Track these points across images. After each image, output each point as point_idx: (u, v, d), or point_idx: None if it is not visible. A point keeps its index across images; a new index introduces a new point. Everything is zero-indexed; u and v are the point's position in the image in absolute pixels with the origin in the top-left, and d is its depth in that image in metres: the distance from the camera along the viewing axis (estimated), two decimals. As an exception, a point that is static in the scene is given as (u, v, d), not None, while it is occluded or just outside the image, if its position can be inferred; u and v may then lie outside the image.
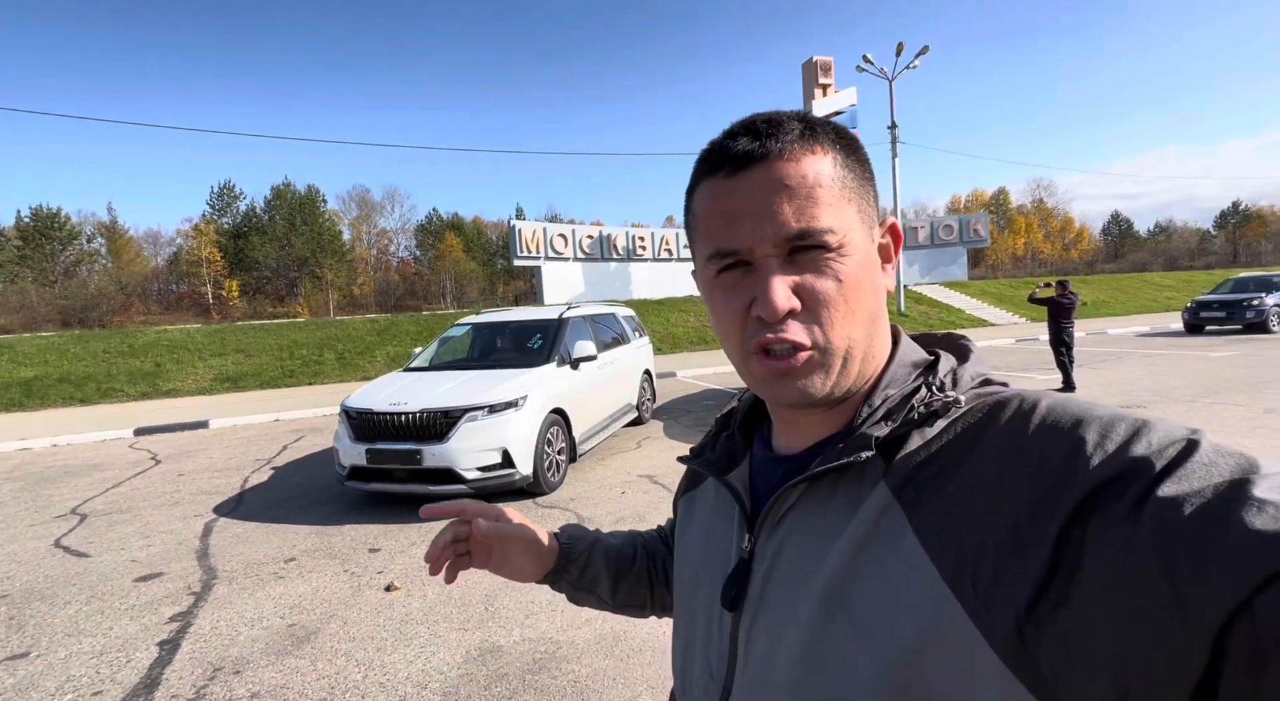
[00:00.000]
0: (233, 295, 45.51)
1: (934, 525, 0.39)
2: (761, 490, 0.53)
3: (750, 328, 0.46)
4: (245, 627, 2.95)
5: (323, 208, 50.90)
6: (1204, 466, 0.32)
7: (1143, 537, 0.31)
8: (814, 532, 0.45)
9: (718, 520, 0.57)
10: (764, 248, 0.44)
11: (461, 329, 6.68)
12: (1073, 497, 0.34)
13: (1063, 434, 0.37)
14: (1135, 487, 0.32)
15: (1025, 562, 0.34)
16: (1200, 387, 7.69)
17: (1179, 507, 0.31)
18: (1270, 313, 13.54)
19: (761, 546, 0.49)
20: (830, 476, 0.45)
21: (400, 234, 59.51)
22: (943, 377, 0.47)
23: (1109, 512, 0.32)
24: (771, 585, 0.47)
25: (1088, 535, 0.33)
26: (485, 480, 4.41)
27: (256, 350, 14.72)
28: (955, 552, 0.37)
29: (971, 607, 0.36)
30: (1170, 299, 24.98)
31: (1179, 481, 0.32)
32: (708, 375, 11.98)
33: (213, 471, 6.25)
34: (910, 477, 0.41)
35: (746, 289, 0.45)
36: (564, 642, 2.66)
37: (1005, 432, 0.40)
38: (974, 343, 0.52)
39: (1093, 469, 0.34)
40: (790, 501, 0.48)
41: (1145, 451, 0.34)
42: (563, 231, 21.93)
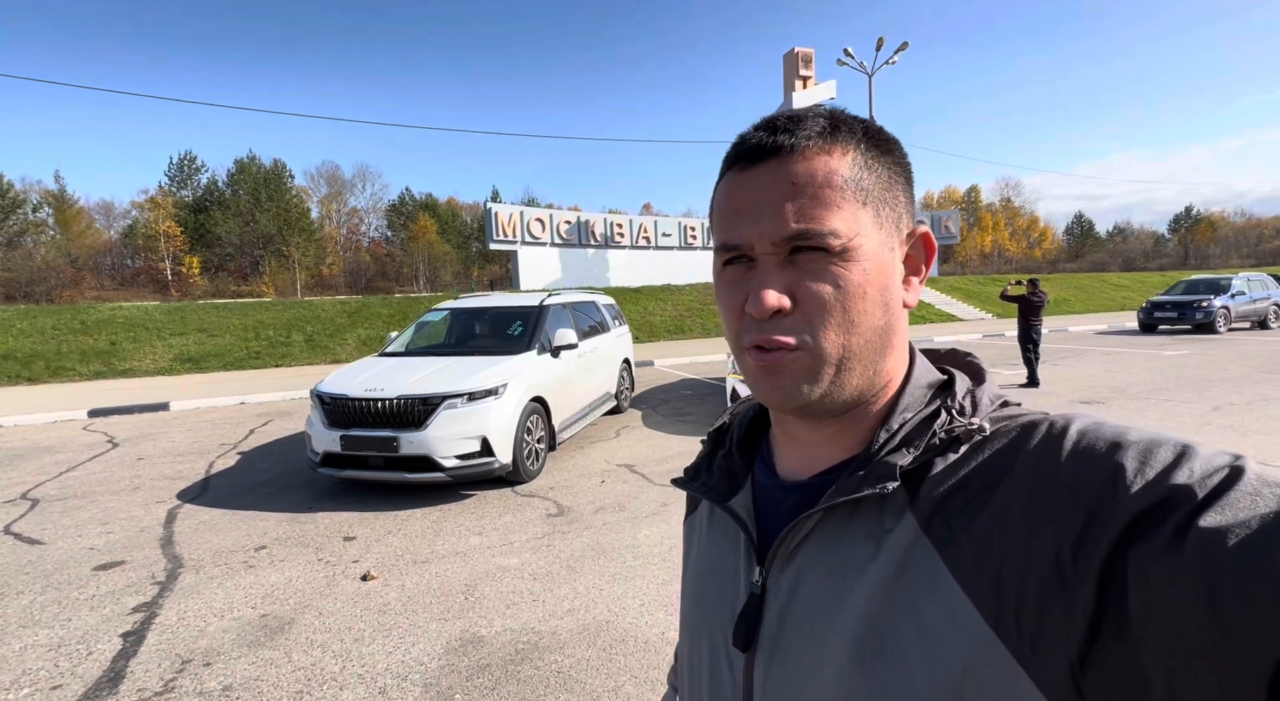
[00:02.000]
0: (193, 272, 43.58)
1: (969, 560, 0.37)
2: (768, 518, 0.50)
3: (746, 323, 0.45)
4: (215, 618, 2.87)
5: (290, 183, 49.00)
6: (1249, 496, 0.31)
7: (1185, 570, 0.30)
8: (832, 567, 0.43)
9: (720, 549, 0.54)
10: (762, 245, 0.43)
11: (439, 314, 6.54)
12: (1114, 528, 0.33)
13: (1099, 459, 0.36)
14: (1176, 517, 0.31)
15: (1071, 599, 0.33)
16: (1153, 385, 8.06)
17: (1222, 540, 0.29)
18: (1217, 314, 14.24)
19: (774, 581, 0.46)
20: (847, 505, 0.43)
21: (371, 213, 57.86)
22: (962, 400, 0.45)
23: (1149, 544, 0.31)
24: (790, 624, 0.45)
25: (1129, 568, 0.32)
26: (464, 468, 4.36)
27: (220, 330, 14.19)
28: (995, 590, 0.36)
29: (1017, 649, 0.34)
30: (1126, 298, 26.04)
31: (1222, 511, 0.31)
32: (685, 365, 12.03)
33: (175, 455, 6.02)
34: (938, 509, 0.40)
35: (745, 284, 0.45)
36: (546, 633, 2.66)
37: (1037, 459, 0.38)
38: (981, 360, 0.51)
39: (1132, 497, 0.33)
40: (804, 531, 0.45)
41: (1187, 479, 0.32)
42: (540, 216, 21.62)
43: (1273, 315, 15.31)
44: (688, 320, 17.97)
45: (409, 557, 3.49)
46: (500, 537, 3.74)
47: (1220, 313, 14.29)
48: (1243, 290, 15.02)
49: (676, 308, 18.72)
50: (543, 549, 3.55)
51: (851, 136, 0.44)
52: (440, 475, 4.32)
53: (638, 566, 3.27)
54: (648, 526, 3.83)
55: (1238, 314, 14.74)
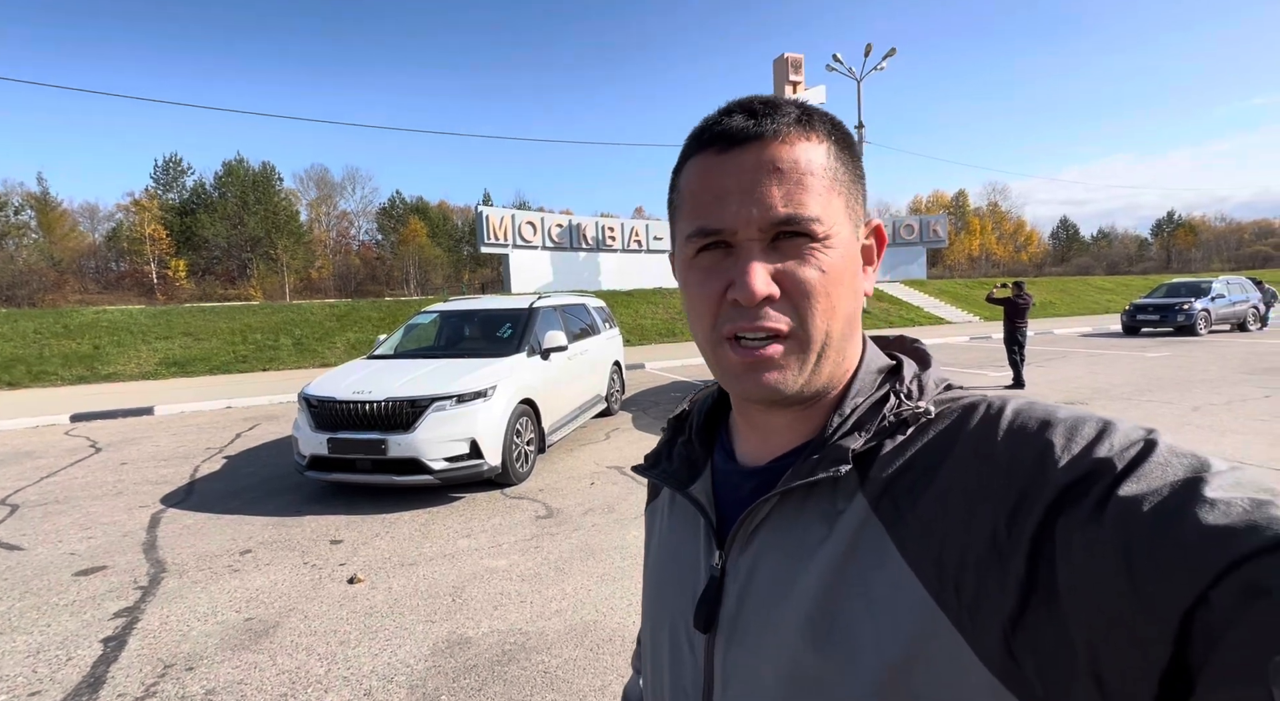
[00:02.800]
0: (179, 275, 42.99)
1: (914, 537, 0.39)
2: (727, 503, 0.51)
3: (725, 313, 0.44)
4: (198, 622, 2.84)
5: (279, 186, 48.55)
6: (1160, 466, 0.33)
7: (1106, 537, 0.31)
8: (788, 548, 0.44)
9: (680, 535, 0.55)
10: (748, 230, 0.43)
11: (428, 316, 6.52)
12: (1043, 501, 0.34)
13: (1030, 437, 0.38)
14: (1098, 488, 0.33)
15: (1005, 570, 0.34)
16: (1136, 386, 8.19)
17: (1138, 507, 0.31)
18: (1198, 316, 14.51)
19: (733, 564, 0.47)
20: (802, 488, 0.44)
21: (361, 217, 57.42)
22: (909, 384, 0.46)
23: (1075, 514, 0.33)
24: (748, 605, 0.46)
25: (1056, 538, 0.33)
26: (452, 471, 4.35)
27: (206, 333, 14.03)
28: (937, 564, 0.37)
29: (957, 619, 0.36)
30: (1110, 301, 26.44)
31: (1137, 481, 0.33)
32: (676, 367, 12.06)
33: (159, 460, 5.95)
34: (887, 489, 0.41)
35: (724, 271, 0.44)
36: (534, 633, 2.66)
37: (975, 439, 0.40)
38: (926, 345, 0.52)
39: (1059, 471, 0.35)
40: (761, 515, 0.46)
41: (1107, 452, 0.35)
42: (531, 219, 21.60)
43: (1251, 317, 15.62)
44: (679, 323, 18.01)
45: (396, 560, 3.47)
46: (489, 539, 3.73)
47: (1201, 315, 14.56)
48: (1222, 293, 15.32)
49: (668, 311, 18.76)
50: (531, 550, 3.55)
51: (823, 126, 0.45)
52: (429, 477, 4.30)
53: (626, 567, 3.28)
54: (636, 527, 3.83)
55: (1218, 316, 15.03)
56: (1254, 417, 6.13)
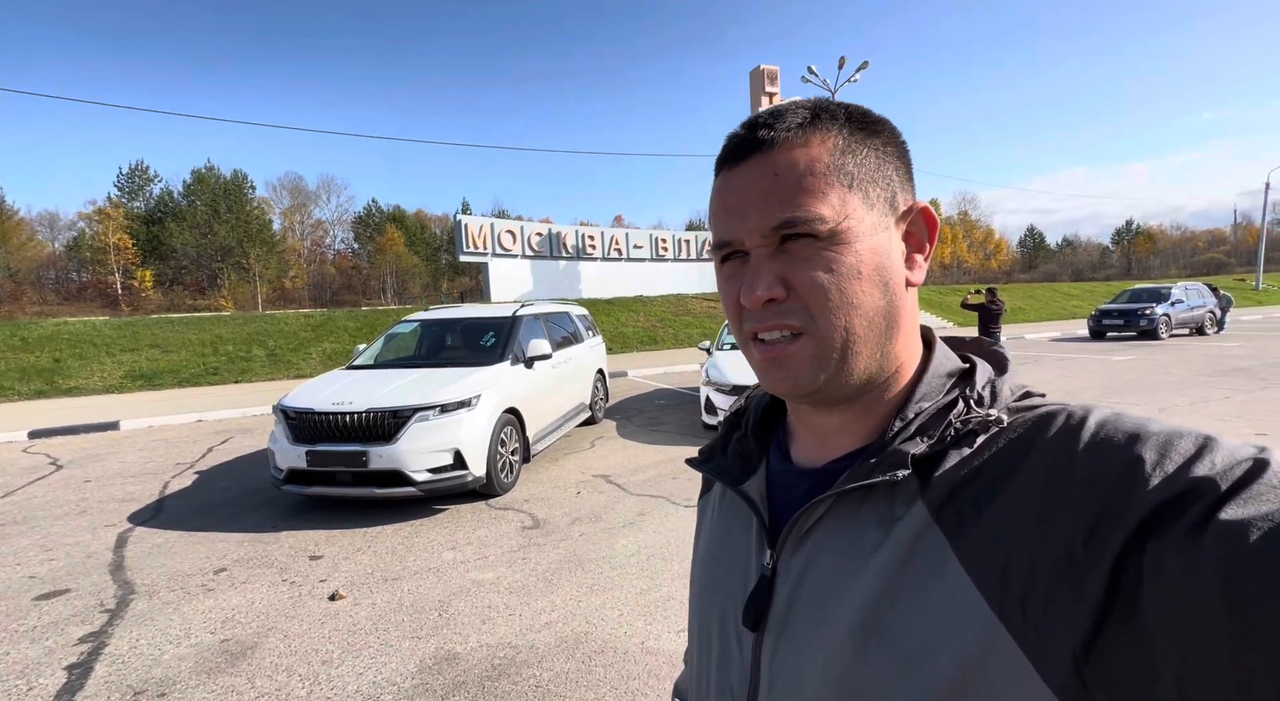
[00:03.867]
0: (146, 286, 41.66)
1: (978, 548, 0.37)
2: (781, 503, 0.51)
3: (746, 314, 0.46)
4: (170, 646, 2.72)
5: (251, 194, 47.50)
6: (1271, 488, 0.30)
7: (1205, 560, 0.29)
8: (842, 551, 0.43)
9: (731, 531, 0.54)
10: (752, 238, 0.44)
11: (409, 325, 6.42)
12: (1131, 519, 0.32)
13: (1118, 450, 0.35)
14: (1197, 509, 0.31)
15: (1080, 588, 0.33)
16: (1106, 388, 8.45)
17: (1245, 531, 0.29)
18: (1160, 321, 15.07)
19: (785, 564, 0.47)
20: (858, 491, 0.43)
21: (337, 225, 56.56)
22: (981, 390, 0.45)
23: (1168, 535, 0.31)
24: (798, 606, 0.45)
25: (1145, 559, 0.31)
26: (436, 482, 4.26)
27: (175, 345, 13.59)
28: (1001, 576, 0.35)
29: (1022, 637, 0.34)
30: (1077, 307, 27.30)
31: (1245, 504, 0.30)
32: (659, 375, 12.06)
33: (126, 477, 5.71)
34: (950, 498, 0.40)
35: (742, 277, 0.46)
36: (524, 647, 2.61)
37: (1053, 449, 0.38)
38: (1007, 349, 0.50)
39: (1152, 489, 0.32)
40: (816, 516, 0.46)
41: (1208, 471, 0.32)
42: (511, 228, 21.49)
43: (1208, 321, 16.25)
44: (660, 331, 18.06)
45: (379, 575, 3.38)
46: (474, 552, 3.66)
47: (1162, 320, 15.12)
48: (1181, 298, 15.94)
49: (649, 318, 18.80)
50: (518, 562, 3.49)
51: (833, 122, 0.45)
52: (411, 489, 4.21)
53: (615, 577, 3.24)
54: (624, 536, 3.80)
55: (1178, 321, 15.62)
56: (1216, 417, 6.37)
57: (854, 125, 0.46)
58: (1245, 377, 8.76)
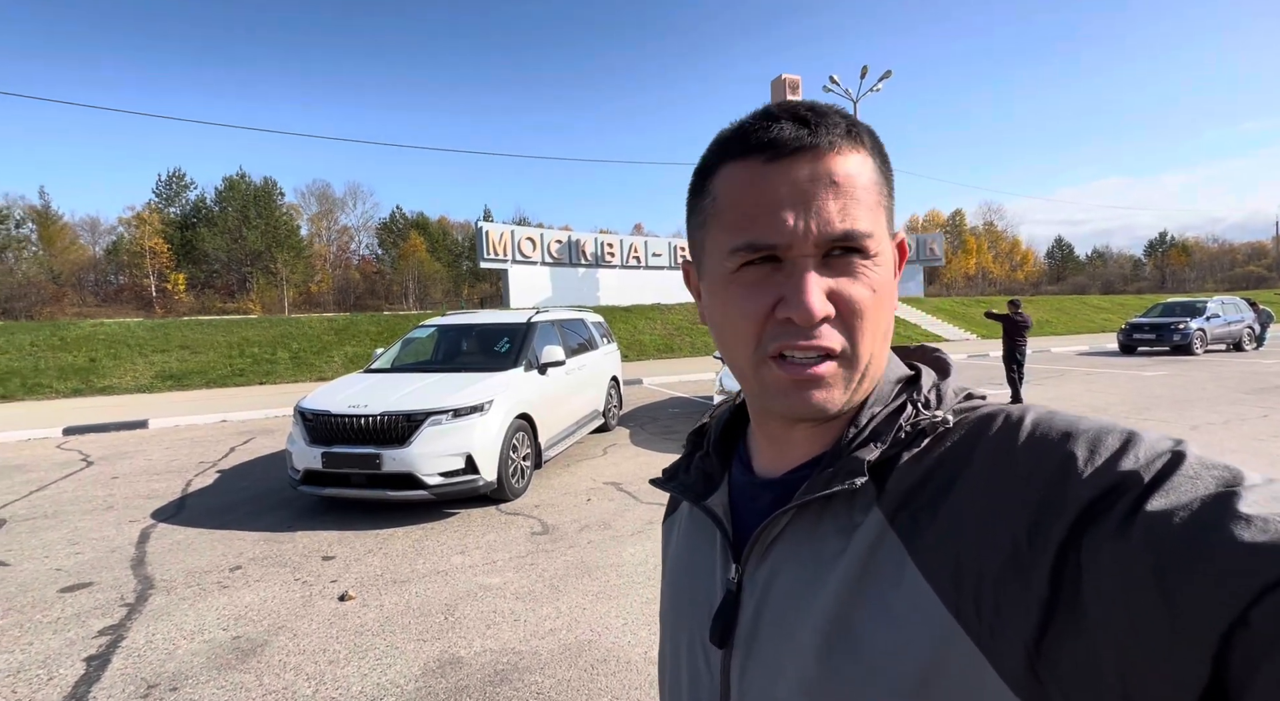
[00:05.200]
0: (179, 289, 43.06)
1: (933, 551, 0.38)
2: (744, 516, 0.50)
3: (772, 330, 0.42)
4: (184, 641, 2.78)
5: (280, 201, 48.89)
6: (1189, 479, 0.32)
7: (1135, 553, 0.30)
8: (805, 561, 0.43)
9: (697, 548, 0.54)
10: (803, 246, 0.40)
11: (426, 330, 6.53)
12: (1068, 515, 0.33)
13: (1052, 448, 0.37)
14: (1125, 502, 0.32)
15: (1027, 585, 0.33)
16: (1133, 405, 8.19)
17: (1167, 521, 0.30)
18: (1194, 336, 14.57)
19: (750, 578, 0.47)
20: (819, 501, 0.43)
21: (362, 231, 57.75)
22: (927, 393, 0.45)
23: (1101, 529, 0.32)
24: (765, 619, 0.45)
25: (1083, 554, 0.32)
26: (447, 486, 4.30)
27: (203, 347, 14.00)
28: (956, 579, 0.36)
29: (977, 635, 0.35)
30: (1106, 320, 26.57)
31: (1166, 495, 0.32)
32: (674, 383, 12.04)
33: (151, 474, 5.88)
34: (904, 503, 0.40)
35: (773, 287, 0.42)
36: (527, 653, 2.61)
37: (993, 449, 0.39)
38: (949, 356, 0.51)
39: (1084, 484, 0.34)
40: (778, 528, 0.45)
41: (1133, 465, 0.34)
42: (531, 235, 21.74)
43: (1247, 337, 15.68)
44: (677, 339, 18.04)
45: (389, 577, 3.42)
46: (483, 556, 3.68)
47: (1197, 335, 14.62)
48: (1218, 313, 15.41)
49: (666, 327, 18.80)
50: (526, 568, 3.50)
51: (868, 138, 0.44)
52: (423, 493, 4.26)
53: (622, 585, 3.23)
54: (633, 544, 3.79)
55: (1213, 336, 15.09)
56: (1253, 437, 6.12)
57: (878, 146, 0.45)
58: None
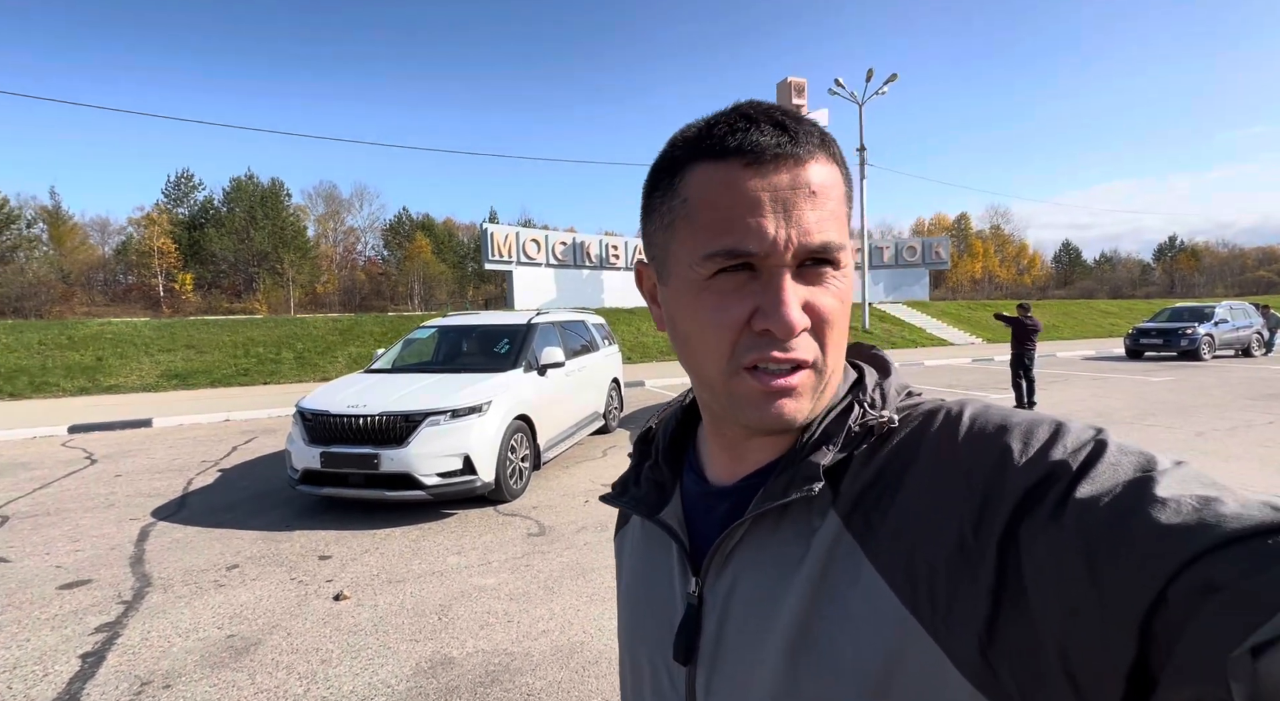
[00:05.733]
0: (186, 289, 43.44)
1: (886, 549, 0.38)
2: (700, 526, 0.49)
3: (747, 341, 0.41)
4: (179, 639, 2.79)
5: (287, 202, 49.27)
6: (1111, 466, 0.34)
7: (1067, 539, 0.32)
8: (765, 569, 0.43)
9: (653, 562, 0.53)
10: (782, 256, 0.39)
11: (427, 331, 6.55)
12: (1007, 505, 0.35)
13: (989, 441, 0.38)
14: (1056, 490, 0.34)
15: (975, 577, 0.34)
16: (1139, 410, 8.12)
17: (1094, 507, 0.32)
18: (1202, 341, 14.43)
19: (710, 590, 0.46)
20: (776, 509, 0.43)
21: (368, 232, 58.10)
22: (872, 393, 0.46)
23: (1036, 517, 0.33)
24: (728, 632, 0.44)
25: (1021, 543, 0.33)
26: (445, 486, 4.31)
27: (209, 346, 14.10)
28: (909, 574, 0.37)
29: (933, 628, 0.35)
30: (1114, 325, 26.38)
31: (1092, 482, 0.33)
32: (677, 385, 12.03)
33: (154, 472, 5.92)
34: (857, 503, 0.40)
35: (749, 297, 0.40)
36: (519, 654, 2.60)
37: (936, 445, 0.40)
38: (885, 352, 0.51)
39: (1019, 473, 0.35)
40: (736, 539, 0.45)
41: (1062, 454, 0.35)
42: (536, 237, 21.79)
43: (1256, 343, 15.53)
44: (680, 341, 18.01)
45: (384, 577, 3.42)
46: (479, 557, 3.68)
47: (1205, 340, 14.47)
48: (1226, 318, 15.25)
49: (669, 329, 18.78)
50: (521, 569, 3.50)
51: (836, 148, 0.44)
52: (421, 493, 4.27)
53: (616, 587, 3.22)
54: (629, 547, 3.78)
55: (1221, 341, 14.94)
56: (1259, 444, 6.05)
57: (840, 154, 0.44)
58: (1293, 402, 8.33)
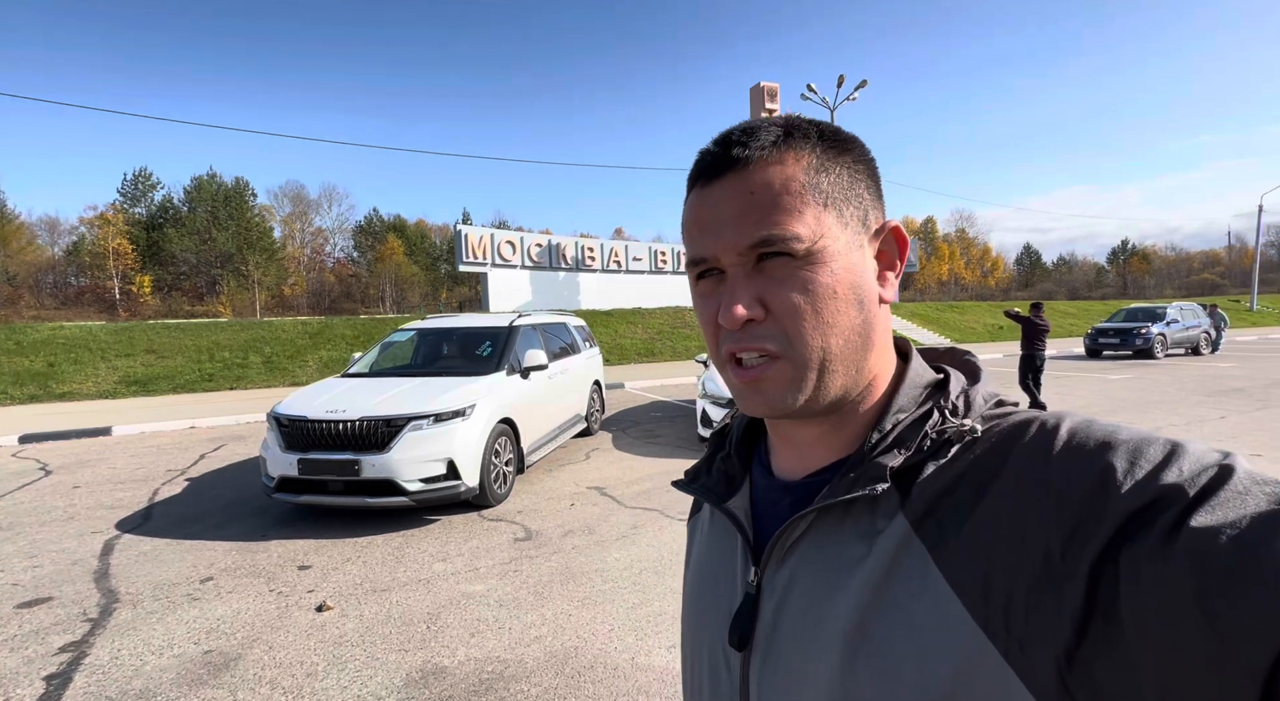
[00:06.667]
0: (144, 291, 41.65)
1: (960, 560, 0.37)
2: (765, 518, 0.50)
3: (723, 335, 0.45)
4: (152, 656, 2.67)
5: (252, 202, 47.74)
6: (1238, 495, 0.31)
7: (1177, 572, 0.29)
8: (825, 566, 0.43)
9: (718, 550, 0.54)
10: (728, 256, 0.43)
11: (406, 334, 6.42)
12: (1105, 528, 0.32)
13: (1090, 458, 0.35)
14: (1167, 517, 0.31)
15: (1060, 599, 0.33)
16: (1100, 408, 8.45)
17: (1214, 539, 0.29)
18: (1155, 340, 15.12)
19: (769, 581, 0.46)
20: (840, 506, 0.43)
21: (338, 233, 56.65)
22: (955, 399, 0.45)
23: (1141, 544, 0.31)
24: (783, 623, 0.45)
25: (1120, 569, 0.31)
26: (428, 492, 4.23)
27: (170, 351, 13.55)
28: (984, 589, 0.35)
29: (1005, 648, 0.34)
30: (1073, 325, 27.40)
31: (1212, 510, 0.30)
32: (656, 387, 12.04)
33: (115, 483, 5.66)
34: (930, 510, 0.40)
35: (718, 296, 0.45)
36: (512, 661, 2.57)
37: (1028, 457, 0.38)
38: (980, 358, 0.50)
39: (1123, 497, 0.33)
40: (798, 532, 0.45)
41: (1177, 478, 0.32)
42: (511, 238, 21.57)
43: (1204, 342, 16.33)
44: (658, 343, 18.07)
45: (368, 586, 3.34)
46: (465, 563, 3.62)
47: (1158, 339, 15.17)
48: (1177, 318, 16.00)
49: (647, 331, 18.82)
50: (509, 574, 3.45)
51: (806, 141, 0.44)
52: (403, 499, 4.17)
53: (607, 590, 3.21)
54: (617, 549, 3.77)
55: (1173, 340, 15.67)
56: (1212, 438, 6.37)
57: (826, 143, 0.45)
58: (1241, 398, 8.78)
